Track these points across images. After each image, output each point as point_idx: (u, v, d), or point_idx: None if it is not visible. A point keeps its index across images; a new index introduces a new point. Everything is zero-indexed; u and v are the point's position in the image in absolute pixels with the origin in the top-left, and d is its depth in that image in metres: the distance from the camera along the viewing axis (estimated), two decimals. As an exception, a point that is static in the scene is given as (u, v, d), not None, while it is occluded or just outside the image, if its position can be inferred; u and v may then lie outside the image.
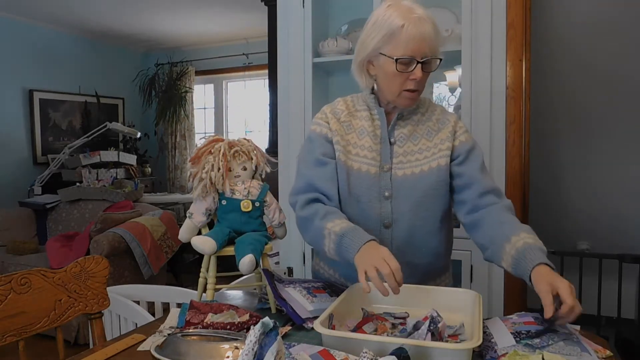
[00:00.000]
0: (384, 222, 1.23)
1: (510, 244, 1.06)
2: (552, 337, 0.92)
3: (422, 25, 1.13)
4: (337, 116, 1.28)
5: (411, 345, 0.82)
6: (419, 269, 1.25)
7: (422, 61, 1.14)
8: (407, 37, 1.12)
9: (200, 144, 1.26)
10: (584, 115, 3.01)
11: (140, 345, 1.01)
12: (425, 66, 1.16)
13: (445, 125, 1.25)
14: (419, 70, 1.15)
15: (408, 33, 1.12)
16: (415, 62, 1.14)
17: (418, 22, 1.13)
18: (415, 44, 1.13)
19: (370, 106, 1.28)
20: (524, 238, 1.06)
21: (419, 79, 1.15)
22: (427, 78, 1.19)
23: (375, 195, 1.23)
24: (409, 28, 1.12)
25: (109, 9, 4.45)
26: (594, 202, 3.05)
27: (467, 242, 2.00)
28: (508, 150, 1.97)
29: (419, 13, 1.14)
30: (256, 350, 0.69)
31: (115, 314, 1.76)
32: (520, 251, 1.03)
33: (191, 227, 1.25)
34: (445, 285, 1.32)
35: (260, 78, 5.49)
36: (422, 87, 1.20)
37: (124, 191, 3.92)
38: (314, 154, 1.26)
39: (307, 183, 1.25)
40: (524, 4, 1.92)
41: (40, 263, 3.20)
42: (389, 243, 1.23)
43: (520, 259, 1.02)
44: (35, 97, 4.77)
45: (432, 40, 1.14)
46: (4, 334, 1.08)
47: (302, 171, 1.28)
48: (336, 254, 1.12)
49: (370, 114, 1.28)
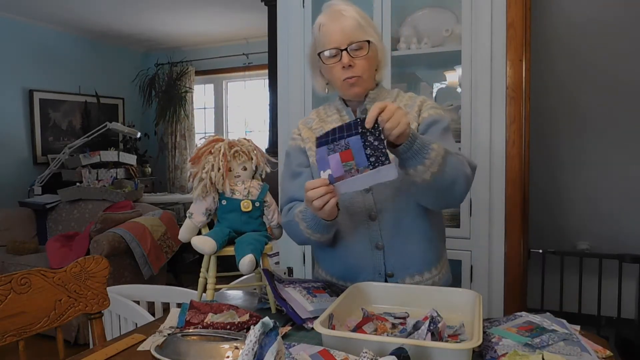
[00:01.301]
0: (370, 215, 1.24)
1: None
2: (552, 337, 0.92)
3: (338, 18, 1.18)
4: (308, 125, 1.35)
5: (411, 345, 0.82)
6: (414, 258, 1.25)
7: (346, 48, 1.18)
8: (326, 32, 1.19)
9: (200, 144, 1.26)
10: (584, 115, 3.01)
11: (140, 345, 1.01)
12: (355, 52, 1.18)
13: (411, 109, 1.26)
14: (345, 57, 1.18)
15: (326, 28, 1.20)
16: (339, 51, 1.18)
17: (333, 15, 1.19)
18: (335, 36, 1.18)
19: (340, 109, 1.32)
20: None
21: (346, 64, 1.18)
22: (368, 63, 1.21)
23: (357, 192, 1.24)
24: (326, 24, 1.20)
25: (109, 9, 4.45)
26: (594, 202, 3.05)
27: (467, 242, 2.02)
28: (508, 150, 1.97)
29: (340, 8, 1.20)
30: (256, 350, 0.69)
31: (115, 314, 1.76)
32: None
33: (191, 227, 1.25)
34: (443, 274, 1.31)
35: (260, 78, 5.49)
36: (362, 72, 1.21)
37: (124, 191, 3.92)
38: (290, 168, 1.34)
39: (287, 197, 1.31)
40: (524, 4, 1.93)
41: (40, 263, 3.20)
42: (378, 235, 1.24)
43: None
44: (35, 97, 4.77)
45: (352, 27, 1.18)
46: (4, 334, 1.08)
47: (283, 186, 1.35)
48: (312, 229, 1.17)
49: (340, 116, 1.31)
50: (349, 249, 1.27)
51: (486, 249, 2.00)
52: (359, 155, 0.99)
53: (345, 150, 1.00)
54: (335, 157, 1.01)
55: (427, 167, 1.04)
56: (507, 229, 1.99)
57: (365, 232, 1.25)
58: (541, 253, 2.69)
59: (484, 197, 1.99)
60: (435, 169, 1.05)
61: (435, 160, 1.04)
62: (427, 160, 1.03)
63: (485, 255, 2.00)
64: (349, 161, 1.00)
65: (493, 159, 1.98)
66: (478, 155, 1.98)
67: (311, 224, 1.17)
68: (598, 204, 3.04)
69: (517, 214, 1.98)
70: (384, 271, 1.25)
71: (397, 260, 1.24)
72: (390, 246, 1.24)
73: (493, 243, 2.00)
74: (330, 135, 1.01)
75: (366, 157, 0.98)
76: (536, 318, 1.02)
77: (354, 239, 1.26)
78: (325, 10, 1.23)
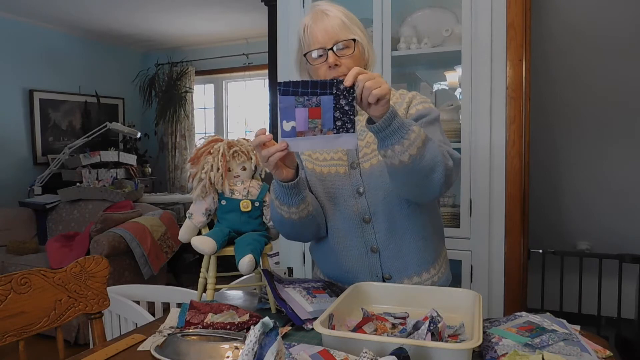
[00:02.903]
0: (364, 218, 1.24)
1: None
2: (552, 337, 0.92)
3: (322, 18, 1.17)
4: None
5: (411, 345, 0.82)
6: (411, 259, 1.25)
7: (332, 48, 1.16)
8: (311, 33, 1.17)
9: (200, 144, 1.26)
10: (584, 115, 3.01)
11: (140, 345, 1.01)
12: (341, 51, 1.17)
13: (400, 106, 1.24)
14: (331, 56, 1.16)
15: (310, 29, 1.18)
16: (325, 50, 1.17)
17: (317, 16, 1.17)
18: (321, 34, 1.16)
19: None
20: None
21: (332, 63, 1.16)
22: (354, 62, 1.17)
23: (349, 194, 1.24)
24: (310, 25, 1.18)
25: (109, 9, 4.45)
26: (593, 202, 3.05)
27: (467, 242, 2.02)
28: (508, 150, 1.97)
29: (324, 8, 1.18)
30: (256, 350, 0.69)
31: (115, 314, 1.76)
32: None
33: (191, 227, 1.25)
34: (442, 273, 1.31)
35: (260, 78, 5.49)
36: (348, 71, 1.19)
37: (124, 191, 3.92)
38: None
39: None
40: (524, 4, 1.92)
41: (40, 263, 3.20)
42: (373, 238, 1.24)
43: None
44: (35, 97, 4.77)
45: (337, 27, 1.16)
46: (4, 334, 1.08)
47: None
48: (279, 199, 1.15)
49: None
50: (345, 253, 1.27)
51: (486, 249, 2.00)
52: (327, 116, 0.96)
53: (316, 107, 0.96)
54: (303, 111, 0.96)
55: (406, 147, 1.00)
56: (507, 229, 1.99)
57: (359, 235, 1.24)
58: (541, 253, 2.69)
59: (484, 197, 1.99)
60: (414, 151, 1.01)
61: (414, 143, 1.00)
62: (405, 140, 1.00)
63: (485, 255, 2.00)
64: (316, 119, 0.97)
65: (493, 159, 1.98)
66: (478, 155, 1.98)
67: (277, 192, 1.15)
68: (598, 204, 3.04)
69: (517, 214, 1.98)
70: (381, 274, 1.25)
71: (393, 262, 1.24)
72: (385, 249, 1.24)
73: (493, 243, 2.00)
74: (301, 87, 0.96)
75: (333, 119, 0.96)
76: (536, 318, 1.02)
77: (349, 243, 1.26)
78: (309, 11, 1.22)
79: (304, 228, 1.22)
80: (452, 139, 2.04)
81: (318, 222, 1.25)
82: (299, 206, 1.16)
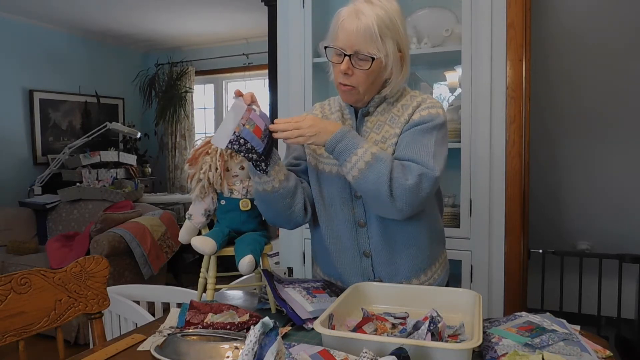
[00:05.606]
0: (359, 222, 1.24)
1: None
2: (552, 337, 0.92)
3: (359, 19, 1.10)
4: None
5: (411, 345, 0.82)
6: (401, 266, 1.25)
7: (350, 54, 1.12)
8: (340, 28, 1.13)
9: (197, 145, 1.26)
10: (584, 115, 3.01)
11: (140, 345, 1.01)
12: (357, 62, 1.13)
13: (407, 109, 1.21)
14: (345, 63, 1.13)
15: (342, 24, 1.13)
16: (343, 54, 1.13)
17: (355, 15, 1.11)
18: (345, 36, 1.12)
19: (343, 106, 1.29)
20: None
21: (343, 71, 1.13)
22: (367, 77, 1.14)
23: (347, 197, 1.24)
24: (345, 20, 1.13)
25: (109, 9, 4.45)
26: (593, 202, 3.05)
27: (467, 242, 2.02)
28: (508, 150, 1.97)
29: (362, 8, 1.11)
30: (256, 350, 0.69)
31: (115, 314, 1.76)
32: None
33: (191, 228, 1.25)
34: (435, 278, 1.30)
35: (260, 78, 5.48)
36: (357, 83, 1.16)
37: (124, 191, 3.92)
38: (286, 160, 1.33)
39: None
40: (524, 4, 1.92)
41: (40, 263, 3.20)
42: (366, 243, 1.24)
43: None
44: (35, 97, 4.76)
45: (364, 36, 1.10)
46: (4, 334, 1.08)
47: None
48: (251, 171, 1.16)
49: (342, 114, 1.28)
50: (338, 254, 1.28)
51: (486, 249, 2.00)
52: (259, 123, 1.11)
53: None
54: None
55: (349, 169, 1.11)
56: (507, 229, 1.99)
57: (354, 238, 1.25)
58: (541, 253, 2.69)
59: (484, 197, 1.99)
60: (355, 173, 1.11)
61: (356, 165, 1.10)
62: (347, 162, 1.11)
63: (485, 255, 2.00)
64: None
65: (493, 159, 1.98)
66: (478, 155, 1.98)
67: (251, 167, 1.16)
68: (598, 204, 3.04)
69: (517, 214, 1.98)
70: (373, 278, 1.26)
71: (384, 268, 1.25)
72: (377, 254, 1.24)
73: (493, 243, 2.00)
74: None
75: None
76: (536, 318, 1.02)
77: (343, 246, 1.26)
78: (350, 3, 1.15)
79: (278, 201, 1.18)
80: (452, 139, 2.04)
81: (294, 195, 1.20)
82: (266, 181, 1.14)
